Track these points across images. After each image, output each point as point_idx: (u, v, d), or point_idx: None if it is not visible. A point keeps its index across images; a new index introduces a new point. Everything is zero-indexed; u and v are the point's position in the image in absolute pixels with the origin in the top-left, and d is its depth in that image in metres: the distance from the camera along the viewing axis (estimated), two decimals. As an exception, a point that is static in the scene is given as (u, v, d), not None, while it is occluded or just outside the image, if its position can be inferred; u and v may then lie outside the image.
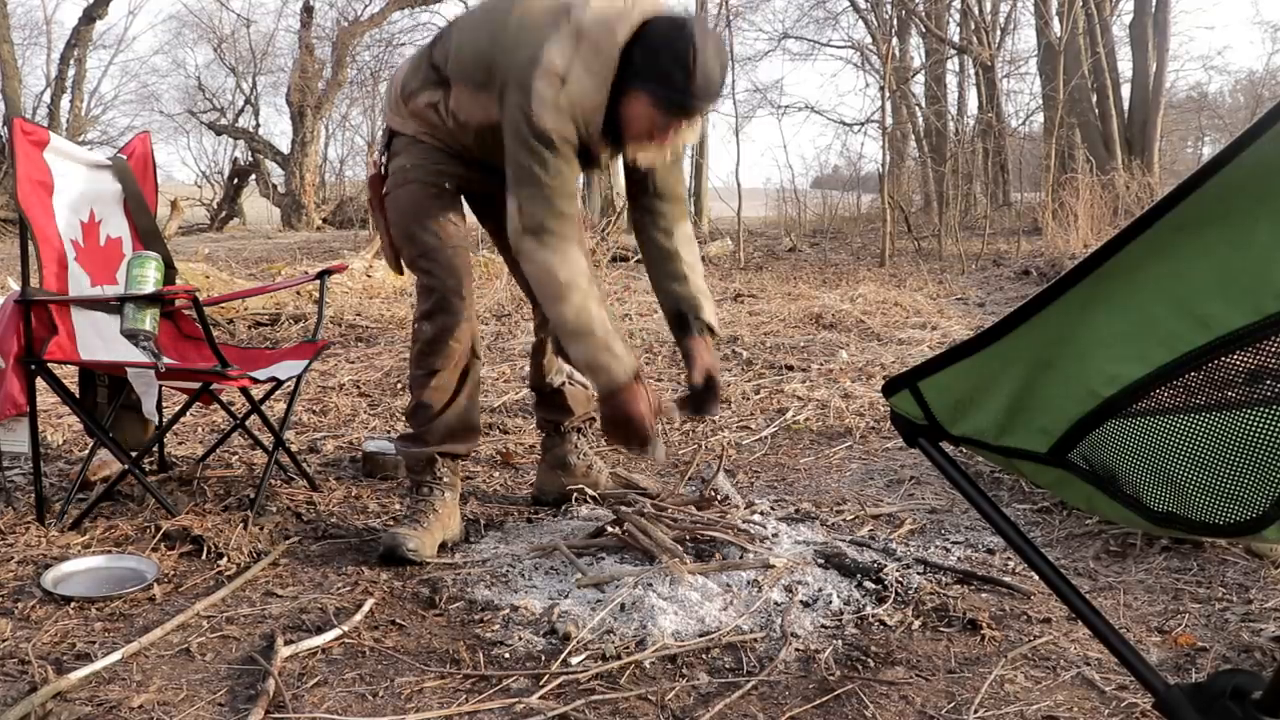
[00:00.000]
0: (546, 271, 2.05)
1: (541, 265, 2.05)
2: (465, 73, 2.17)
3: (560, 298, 2.05)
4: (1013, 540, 1.03)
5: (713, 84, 2.02)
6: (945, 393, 0.99)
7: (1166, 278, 0.79)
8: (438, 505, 2.32)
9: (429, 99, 2.24)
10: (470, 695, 1.67)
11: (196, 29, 23.16)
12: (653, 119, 2.06)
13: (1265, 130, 0.68)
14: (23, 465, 2.85)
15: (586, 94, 2.04)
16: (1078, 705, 1.63)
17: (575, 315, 2.05)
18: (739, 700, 1.65)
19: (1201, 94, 24.75)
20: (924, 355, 4.73)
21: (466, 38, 2.21)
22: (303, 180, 18.23)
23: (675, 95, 2.01)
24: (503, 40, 2.11)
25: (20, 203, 2.40)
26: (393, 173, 2.32)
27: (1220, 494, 0.84)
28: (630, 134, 2.11)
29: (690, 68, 1.97)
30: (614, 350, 2.07)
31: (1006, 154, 15.66)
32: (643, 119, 2.07)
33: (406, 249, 2.31)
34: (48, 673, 1.70)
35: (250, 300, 5.71)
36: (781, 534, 2.32)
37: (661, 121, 2.06)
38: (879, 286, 7.48)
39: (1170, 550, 2.25)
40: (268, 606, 2.02)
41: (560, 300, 2.05)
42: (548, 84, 2.02)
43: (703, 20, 2.05)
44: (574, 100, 2.03)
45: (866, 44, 16.48)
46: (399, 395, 3.93)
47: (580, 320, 2.05)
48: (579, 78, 2.03)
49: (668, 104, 2.03)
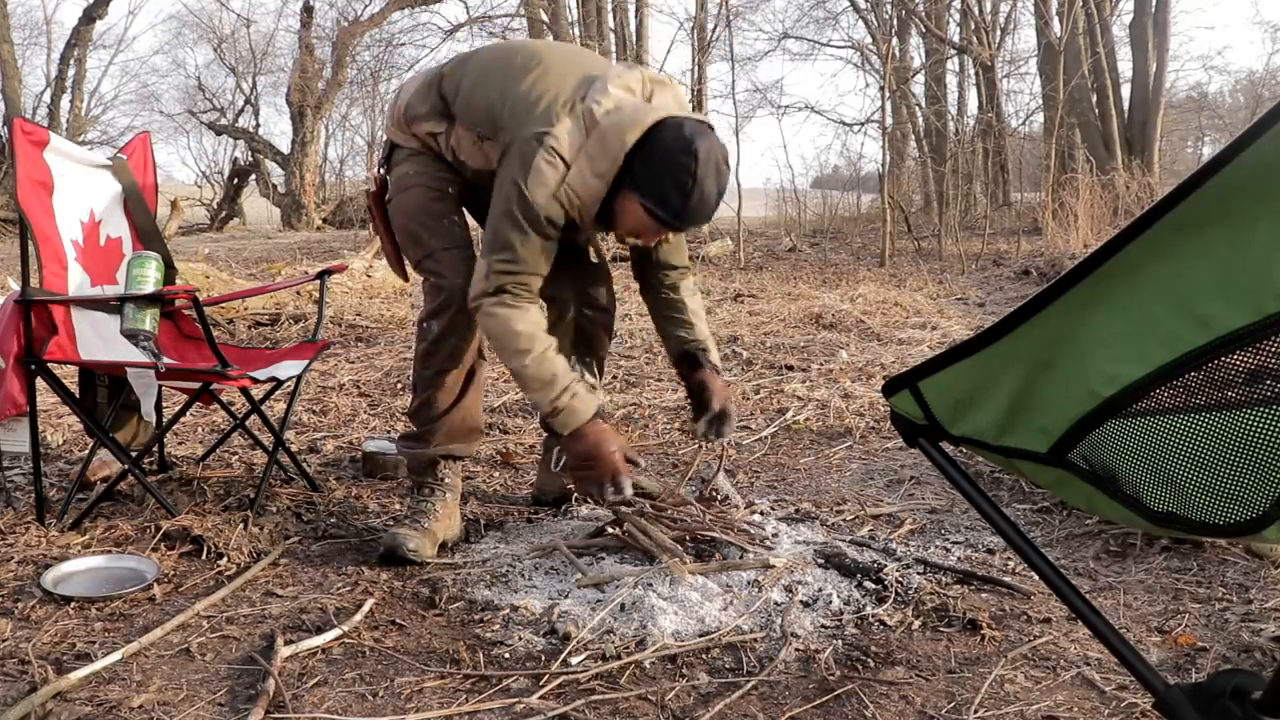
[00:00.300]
0: (506, 328, 2.10)
1: (500, 321, 2.10)
2: (472, 119, 2.18)
3: (520, 351, 2.10)
4: (1013, 540, 1.03)
5: (707, 208, 2.06)
6: (945, 393, 0.99)
7: (1166, 278, 0.79)
8: (438, 505, 2.32)
9: (432, 129, 2.25)
10: (470, 695, 1.67)
11: (196, 29, 23.22)
12: (644, 224, 2.11)
13: (1265, 130, 0.68)
14: (23, 465, 2.85)
15: (587, 188, 2.06)
16: (1078, 705, 1.63)
17: (536, 366, 2.10)
18: (739, 700, 1.65)
19: (1201, 94, 24.76)
20: (924, 355, 4.73)
21: (479, 84, 2.20)
22: (303, 180, 18.24)
23: (669, 214, 2.05)
24: (514, 102, 2.11)
25: (20, 203, 2.40)
26: (395, 179, 2.32)
27: (1220, 494, 0.84)
28: (620, 228, 2.17)
29: (688, 191, 2.01)
30: (576, 393, 2.12)
31: (1006, 154, 15.67)
32: (633, 221, 2.12)
33: (412, 251, 2.32)
34: (48, 673, 1.70)
35: (250, 300, 5.71)
36: (781, 534, 2.32)
37: (651, 229, 2.12)
38: (879, 286, 7.48)
39: (1170, 550, 2.25)
40: (268, 606, 2.02)
41: (520, 354, 2.10)
42: (549, 165, 2.04)
43: (708, 135, 2.04)
44: (573, 189, 2.06)
45: (866, 44, 16.48)
46: (399, 395, 3.93)
47: (541, 370, 2.10)
48: (582, 172, 2.05)
49: (659, 220, 2.07)
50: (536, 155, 2.04)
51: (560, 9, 14.48)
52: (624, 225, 2.15)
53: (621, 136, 2.03)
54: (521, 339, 2.09)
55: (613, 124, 2.04)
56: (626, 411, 3.69)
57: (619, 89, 2.09)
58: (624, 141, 2.03)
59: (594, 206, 2.09)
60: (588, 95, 2.08)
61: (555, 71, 2.14)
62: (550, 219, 2.07)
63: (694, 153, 2.00)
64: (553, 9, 14.41)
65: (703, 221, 2.11)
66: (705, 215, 2.08)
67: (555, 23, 14.47)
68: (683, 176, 2.00)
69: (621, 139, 2.03)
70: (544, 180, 2.04)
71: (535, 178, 2.04)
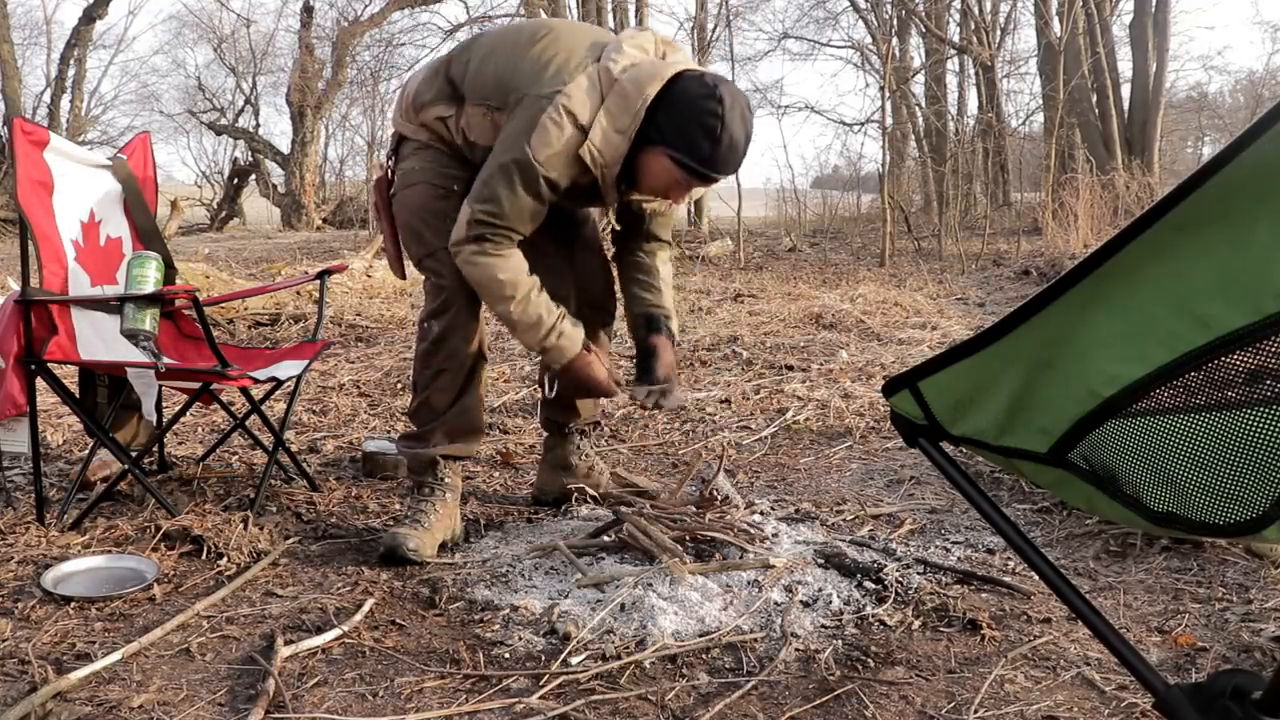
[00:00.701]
0: (488, 275, 2.12)
1: (483, 268, 2.12)
2: (482, 93, 2.17)
3: (505, 297, 2.13)
4: (1013, 540, 1.03)
5: (737, 154, 2.05)
6: (945, 393, 0.99)
7: (1166, 278, 0.79)
8: (438, 505, 2.32)
9: (440, 113, 2.24)
10: (470, 695, 1.67)
11: (196, 29, 23.19)
12: (672, 178, 2.10)
13: (1265, 130, 0.68)
14: (23, 465, 2.85)
15: (610, 146, 2.05)
16: (1078, 705, 1.63)
17: (521, 311, 2.14)
18: (739, 700, 1.65)
19: (1201, 94, 24.76)
20: (924, 355, 4.73)
21: (488, 58, 2.20)
22: (303, 180, 18.24)
23: (699, 162, 2.03)
24: (525, 66, 2.11)
25: (20, 203, 2.40)
26: (401, 174, 2.32)
27: (1220, 494, 0.84)
28: (645, 187, 2.16)
29: (717, 136, 2.00)
30: (563, 331, 2.18)
31: (1006, 154, 15.66)
32: (661, 176, 2.11)
33: (414, 248, 2.31)
34: (48, 673, 1.70)
35: (250, 300, 5.71)
36: (781, 534, 2.32)
37: (682, 181, 2.10)
38: (879, 286, 7.48)
39: (1170, 550, 2.25)
40: (268, 606, 2.02)
41: (505, 300, 2.13)
42: (555, 125, 2.03)
43: (730, 84, 2.04)
44: (595, 148, 2.04)
45: (866, 44, 16.48)
46: (399, 395, 3.93)
47: (527, 314, 2.14)
48: (604, 130, 2.04)
49: (690, 170, 2.06)
50: (544, 113, 2.03)
51: (560, 9, 14.48)
52: (650, 182, 2.13)
53: (641, 89, 2.02)
54: (506, 286, 2.11)
55: (631, 79, 2.03)
56: (626, 412, 3.69)
57: (633, 48, 2.09)
58: (644, 94, 2.02)
59: (616, 166, 2.08)
60: (602, 56, 2.08)
61: (565, 39, 2.15)
62: (549, 180, 2.06)
63: (719, 98, 1.99)
64: (553, 9, 14.42)
65: (733, 169, 2.07)
66: (735, 162, 2.06)
67: (555, 23, 14.45)
68: (710, 122, 1.99)
69: (641, 92, 2.02)
70: (548, 140, 2.03)
71: (539, 136, 2.03)
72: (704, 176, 2.07)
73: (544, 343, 2.17)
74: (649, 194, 2.20)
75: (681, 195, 2.18)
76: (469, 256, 2.12)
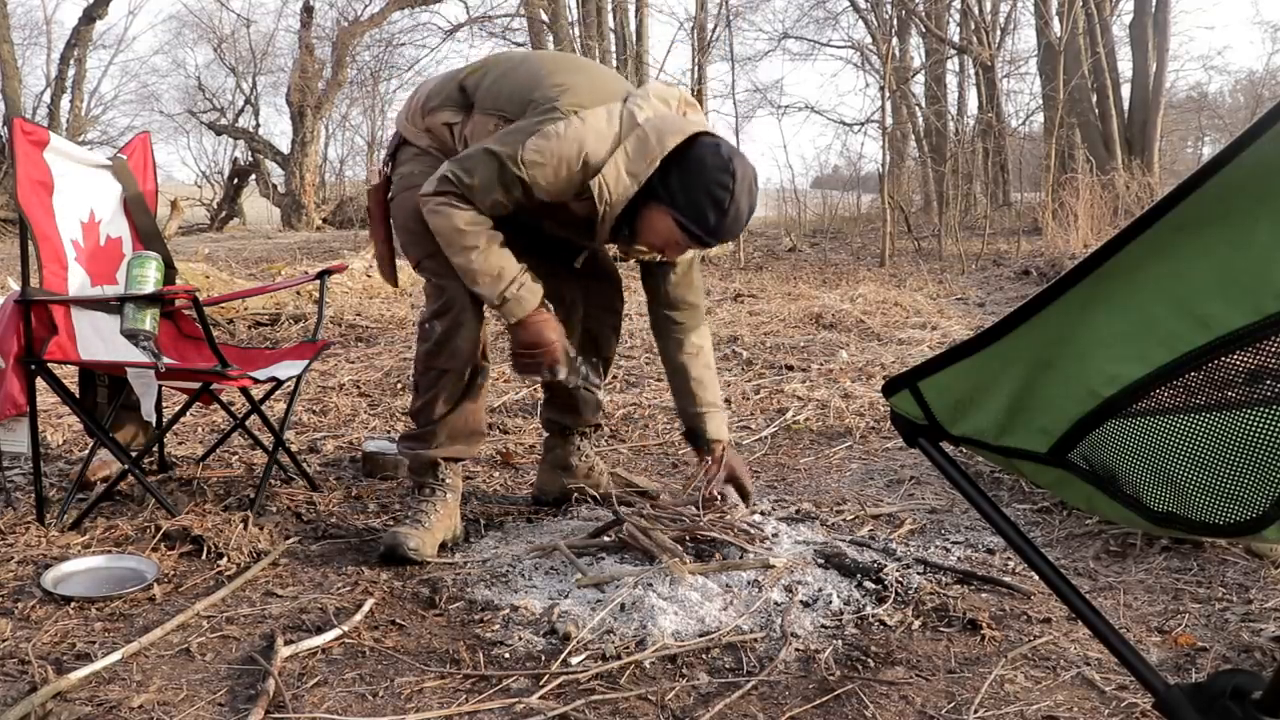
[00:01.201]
0: (450, 224, 2.12)
1: (445, 218, 2.12)
2: (496, 104, 2.19)
3: (466, 247, 2.13)
4: (1013, 540, 1.03)
5: (739, 226, 2.12)
6: (945, 393, 0.99)
7: (1166, 278, 0.79)
8: (439, 505, 2.32)
9: (448, 119, 2.25)
10: (470, 695, 1.67)
11: (196, 29, 23.16)
12: (672, 238, 2.14)
13: (1265, 130, 0.68)
14: (23, 465, 2.85)
15: (619, 185, 2.08)
16: (1078, 705, 1.63)
17: (482, 260, 2.13)
18: (739, 700, 1.65)
19: (1201, 94, 24.76)
20: (924, 355, 4.73)
21: (508, 75, 2.23)
22: (303, 180, 18.23)
23: (703, 230, 2.08)
24: (548, 85, 2.13)
25: (20, 203, 2.40)
26: (399, 178, 2.32)
27: (1220, 494, 0.84)
28: (644, 239, 2.19)
29: (725, 208, 2.05)
30: (524, 284, 2.15)
31: (1006, 154, 15.66)
32: (662, 234, 2.14)
33: (414, 250, 2.31)
34: (48, 673, 1.70)
35: (250, 300, 5.71)
36: (781, 534, 2.32)
37: (681, 242, 2.14)
38: (879, 286, 7.48)
39: (1170, 550, 2.25)
40: (268, 606, 2.02)
41: (466, 250, 2.13)
42: (558, 138, 2.05)
43: (742, 157, 2.08)
44: (606, 183, 2.06)
45: (866, 44, 16.49)
46: (399, 395, 3.93)
47: (488, 264, 2.13)
48: (617, 167, 2.06)
49: (692, 234, 2.10)
50: (554, 124, 2.05)
51: (560, 9, 14.49)
52: (650, 237, 2.17)
53: (662, 140, 2.06)
54: (467, 236, 2.11)
55: (653, 128, 2.07)
56: (626, 412, 3.69)
57: (658, 100, 2.15)
58: (664, 146, 2.06)
59: (619, 207, 2.10)
60: (629, 98, 2.12)
61: (595, 74, 2.22)
62: (526, 185, 2.08)
63: (732, 172, 2.04)
64: (553, 9, 14.42)
65: (732, 238, 2.15)
66: (735, 233, 2.15)
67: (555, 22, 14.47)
68: (720, 194, 2.04)
69: (662, 143, 2.06)
70: (544, 149, 2.05)
71: (537, 140, 2.05)
72: (704, 243, 2.14)
73: (504, 294, 2.15)
74: (646, 246, 2.23)
75: (676, 254, 2.23)
76: (434, 206, 2.13)
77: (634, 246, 2.26)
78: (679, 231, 2.11)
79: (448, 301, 2.25)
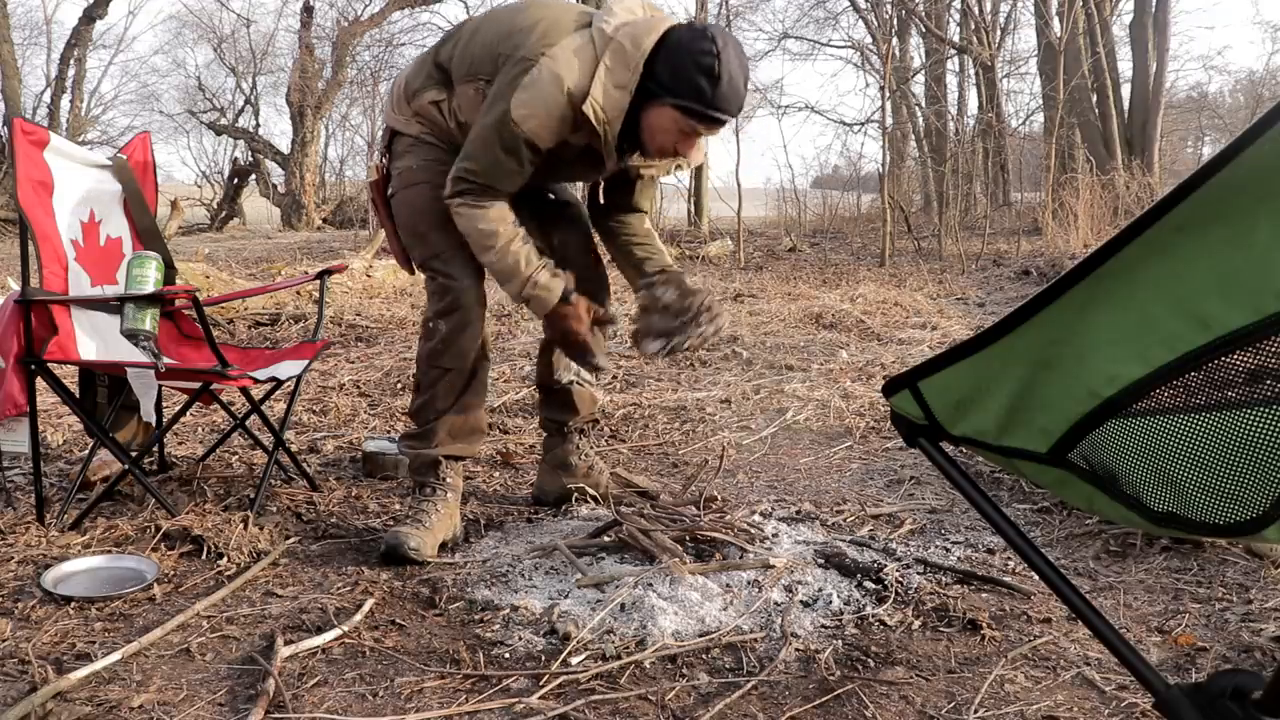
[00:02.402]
0: (471, 226, 2.16)
1: (466, 219, 2.16)
2: (472, 69, 2.18)
3: (488, 247, 2.16)
4: (1013, 540, 1.03)
5: (737, 91, 2.05)
6: (945, 393, 0.99)
7: (1166, 278, 0.79)
8: (439, 505, 2.32)
9: (433, 97, 2.25)
10: (470, 695, 1.67)
11: (196, 29, 23.15)
12: (678, 129, 2.10)
13: (1265, 130, 0.68)
14: (23, 465, 2.85)
15: (611, 102, 2.06)
16: (1078, 705, 1.63)
17: (500, 259, 2.16)
18: (739, 700, 1.65)
19: (1201, 94, 24.77)
20: (924, 355, 4.73)
21: (476, 35, 2.22)
22: (303, 180, 18.23)
23: (703, 104, 2.04)
24: (512, 33, 2.13)
25: (20, 203, 2.40)
26: (398, 173, 2.32)
27: (1220, 494, 0.84)
28: (654, 146, 2.16)
29: (716, 74, 2.01)
30: (538, 282, 2.17)
31: (1006, 154, 15.66)
32: (669, 130, 2.11)
33: (418, 250, 2.31)
34: (48, 673, 1.70)
35: (250, 300, 5.71)
36: (781, 534, 2.32)
37: (688, 130, 2.10)
38: (879, 286, 7.48)
39: (1170, 550, 2.25)
40: (268, 606, 2.02)
41: (488, 249, 2.16)
42: (537, 85, 2.04)
43: (719, 27, 2.06)
44: (598, 104, 2.05)
45: (866, 44, 16.48)
46: (399, 395, 3.93)
47: (505, 264, 2.16)
48: (604, 86, 2.05)
49: (695, 114, 2.06)
50: (527, 74, 2.05)
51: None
52: (658, 140, 2.13)
53: (639, 44, 2.05)
54: (486, 235, 2.14)
55: (627, 35, 2.06)
56: (626, 412, 3.69)
57: (623, 10, 2.12)
58: (642, 48, 2.04)
59: (618, 122, 2.09)
60: (594, 20, 2.11)
61: (554, 9, 2.17)
62: (529, 141, 2.07)
63: (713, 38, 2.02)
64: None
65: (735, 108, 2.07)
66: (737, 101, 2.06)
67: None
68: (707, 61, 2.00)
69: (639, 46, 2.05)
70: (528, 100, 2.05)
71: (520, 96, 2.05)
72: (710, 119, 2.07)
73: (523, 292, 2.17)
74: (658, 153, 2.18)
75: (690, 146, 2.16)
76: (456, 209, 2.16)
77: (649, 162, 2.24)
78: (682, 117, 2.07)
79: (452, 301, 2.25)
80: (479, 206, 2.13)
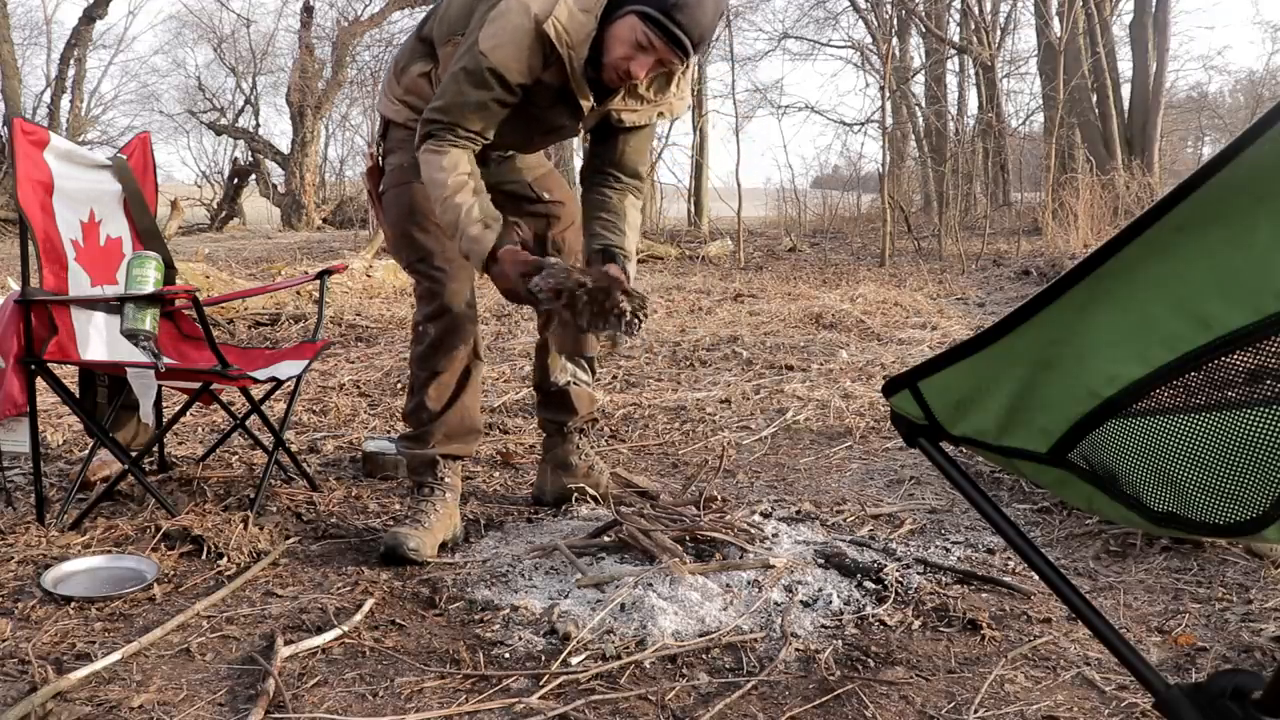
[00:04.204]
0: (429, 175, 2.10)
1: (426, 167, 2.10)
2: (452, 29, 2.18)
3: (435, 198, 2.09)
4: (1013, 540, 1.03)
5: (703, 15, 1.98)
6: (945, 393, 0.99)
7: (1166, 278, 0.79)
8: (439, 505, 2.32)
9: (421, 69, 2.26)
10: (470, 695, 1.67)
11: (196, 29, 23.19)
12: (634, 40, 2.01)
13: (1265, 130, 0.68)
14: (23, 465, 2.85)
15: (576, 25, 2.03)
16: (1078, 705, 1.63)
17: (444, 212, 2.09)
18: (739, 700, 1.65)
19: (1201, 94, 24.78)
20: (924, 355, 4.73)
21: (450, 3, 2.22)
22: (303, 180, 18.24)
23: (663, 13, 1.96)
24: None
25: (20, 203, 2.40)
26: (390, 169, 2.32)
27: (1220, 494, 0.84)
28: (609, 60, 2.06)
29: None
30: (473, 237, 2.04)
31: (1006, 154, 15.67)
32: (624, 41, 2.02)
33: (406, 252, 2.31)
34: (48, 673, 1.70)
35: (250, 300, 5.71)
36: (781, 534, 2.32)
37: (644, 43, 2.01)
38: (879, 286, 7.48)
39: (1170, 550, 2.25)
40: (268, 606, 2.02)
41: (436, 200, 2.09)
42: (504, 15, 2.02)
43: None
44: (562, 26, 2.02)
45: (866, 44, 16.47)
46: (399, 395, 3.93)
47: (445, 216, 2.09)
48: (569, 9, 2.02)
49: (652, 22, 1.98)
50: (496, 5, 2.04)
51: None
52: (616, 52, 2.04)
53: None
54: (434, 185, 2.09)
55: None
56: (626, 412, 3.69)
57: None
58: None
59: (584, 47, 2.05)
60: None
61: None
62: (497, 73, 2.04)
63: None
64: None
65: (695, 33, 2.00)
66: (698, 23, 1.98)
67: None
68: None
69: None
70: (495, 31, 2.03)
71: (488, 29, 2.04)
72: (667, 32, 1.98)
73: (461, 246, 2.08)
74: (612, 70, 2.08)
75: (644, 66, 2.05)
76: (420, 155, 2.11)
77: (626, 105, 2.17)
78: (639, 23, 1.98)
79: (441, 305, 2.25)
80: (438, 151, 2.07)
